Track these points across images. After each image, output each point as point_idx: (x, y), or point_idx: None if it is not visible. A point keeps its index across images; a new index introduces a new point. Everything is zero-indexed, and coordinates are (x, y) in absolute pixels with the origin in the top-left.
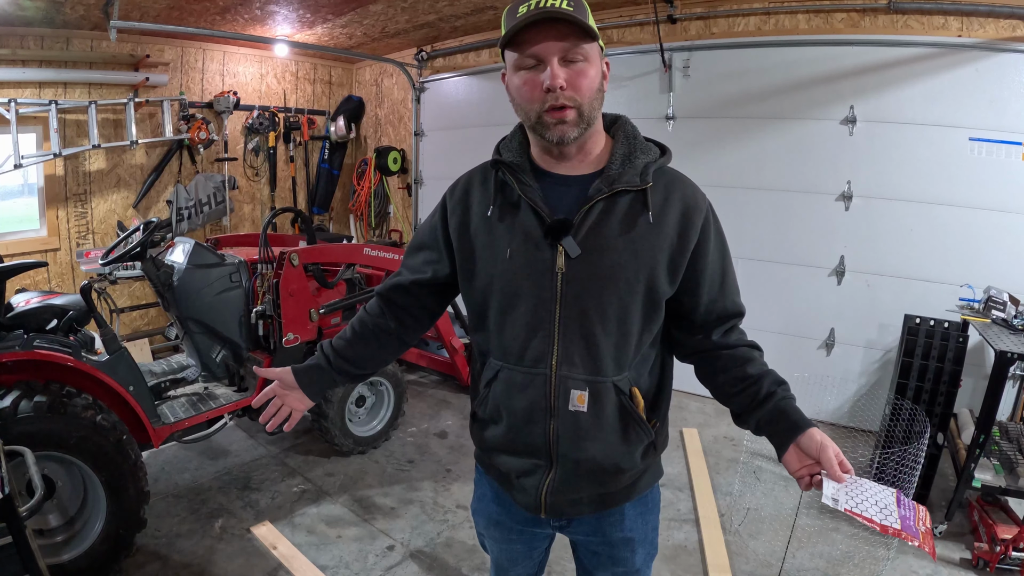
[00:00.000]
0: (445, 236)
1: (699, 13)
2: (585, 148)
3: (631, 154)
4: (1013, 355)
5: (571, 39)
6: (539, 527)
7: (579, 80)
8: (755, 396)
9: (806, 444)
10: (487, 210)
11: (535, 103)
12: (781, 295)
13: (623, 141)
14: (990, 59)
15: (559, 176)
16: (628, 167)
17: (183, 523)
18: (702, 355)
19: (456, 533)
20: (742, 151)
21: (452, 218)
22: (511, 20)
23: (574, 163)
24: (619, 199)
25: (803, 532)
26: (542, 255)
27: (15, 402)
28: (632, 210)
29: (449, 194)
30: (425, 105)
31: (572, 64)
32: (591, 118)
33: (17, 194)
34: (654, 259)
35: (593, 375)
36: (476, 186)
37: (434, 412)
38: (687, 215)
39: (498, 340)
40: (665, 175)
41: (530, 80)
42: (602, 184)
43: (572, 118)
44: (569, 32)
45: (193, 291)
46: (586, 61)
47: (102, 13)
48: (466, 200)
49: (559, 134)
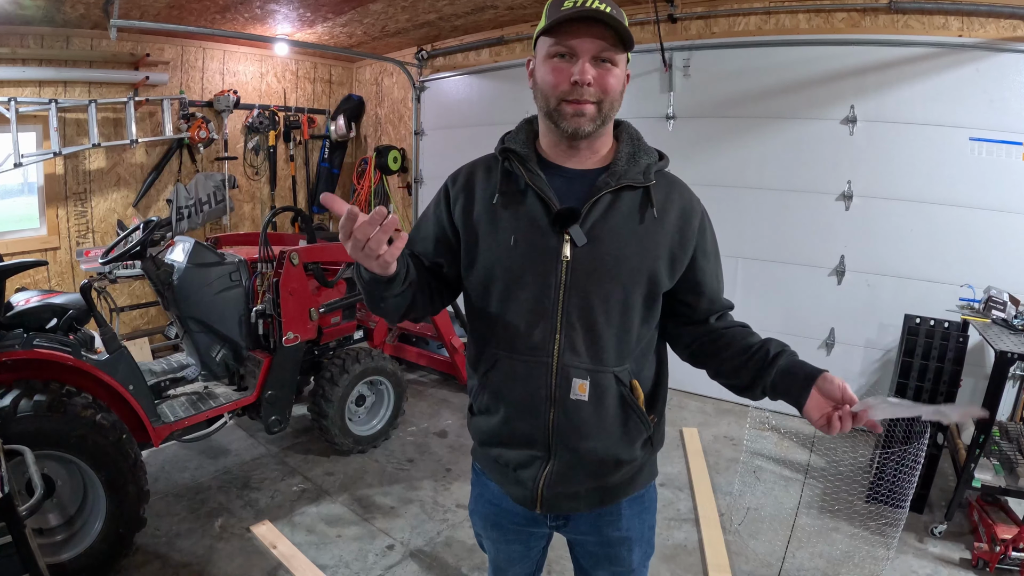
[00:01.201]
0: (450, 222)
1: (699, 13)
2: (594, 146)
3: (635, 154)
4: (1013, 355)
5: (608, 42)
6: (536, 526)
7: (606, 79)
8: (764, 359)
9: (828, 388)
10: (492, 197)
11: (558, 91)
12: (781, 295)
13: (628, 142)
14: (990, 59)
15: (565, 169)
16: (633, 165)
17: (183, 522)
18: (703, 341)
19: (456, 532)
20: (742, 151)
21: (455, 205)
22: (554, 12)
23: (581, 158)
24: (624, 194)
25: (803, 532)
26: (548, 243)
27: (15, 401)
28: (637, 205)
29: (451, 182)
30: (425, 104)
31: (601, 65)
32: (607, 117)
33: (17, 193)
34: (657, 253)
35: (595, 364)
36: (480, 174)
37: (434, 411)
38: (685, 216)
39: (499, 327)
40: (665, 177)
41: (559, 68)
42: (609, 178)
43: (591, 113)
44: (607, 35)
45: (193, 290)
46: (615, 65)
47: (102, 12)
48: (469, 187)
49: (575, 125)
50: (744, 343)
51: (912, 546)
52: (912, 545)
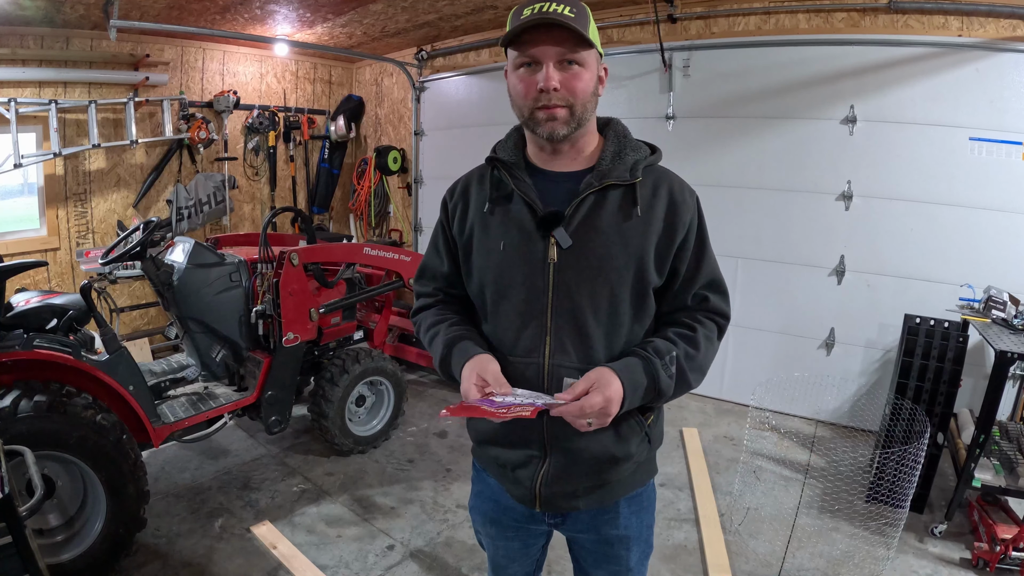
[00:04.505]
0: (449, 236)
1: (699, 13)
2: (577, 146)
3: (621, 152)
4: (1013, 355)
5: (568, 45)
6: (535, 524)
7: (573, 83)
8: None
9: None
10: (483, 206)
11: (528, 100)
12: (781, 295)
13: (613, 140)
14: (990, 59)
15: (552, 173)
16: (618, 163)
17: (183, 522)
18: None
19: (456, 533)
20: (742, 151)
21: (453, 218)
22: (515, 21)
23: (567, 160)
24: (609, 193)
25: (803, 532)
26: (535, 246)
27: (15, 401)
28: (621, 203)
29: (448, 195)
30: (425, 104)
31: (568, 68)
32: (582, 119)
33: (17, 194)
34: (642, 250)
35: (585, 364)
36: (474, 185)
37: (434, 412)
38: (674, 210)
39: (492, 331)
40: (655, 172)
41: (526, 79)
42: (593, 179)
43: (563, 116)
44: (566, 38)
45: (193, 290)
46: (581, 66)
47: (102, 12)
48: (465, 198)
49: (548, 130)
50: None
51: (912, 546)
52: (912, 545)
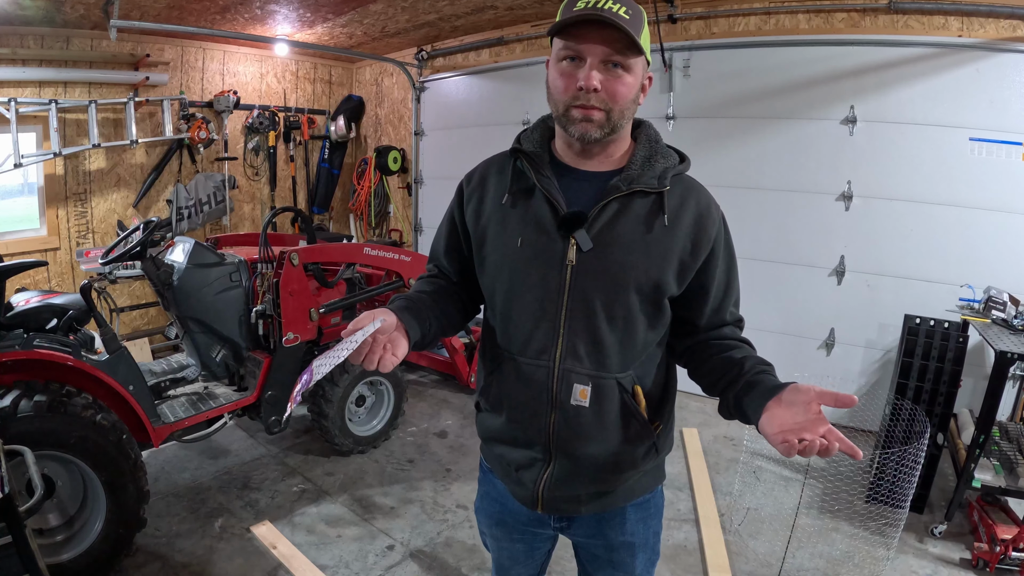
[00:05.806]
0: (462, 223)
1: (699, 13)
2: (608, 150)
3: (651, 157)
4: (1013, 355)
5: (616, 46)
6: (541, 527)
7: (615, 86)
8: (739, 372)
9: (789, 396)
10: (502, 198)
11: (566, 96)
12: (781, 295)
13: (645, 144)
14: (990, 59)
15: (578, 171)
16: (648, 169)
17: (183, 523)
18: (693, 349)
19: (456, 533)
20: (742, 151)
21: (468, 205)
22: (567, 12)
23: (595, 161)
24: (635, 199)
25: (803, 532)
26: (554, 246)
27: (15, 401)
28: (648, 211)
29: (466, 182)
30: (425, 105)
31: (611, 70)
32: (618, 125)
33: (17, 193)
34: (665, 261)
35: (597, 370)
36: (493, 174)
37: (434, 412)
38: (700, 224)
39: (503, 328)
40: (683, 182)
41: (567, 73)
42: (620, 182)
43: (599, 119)
44: (617, 39)
45: (193, 290)
46: (626, 71)
47: (102, 12)
48: (483, 187)
49: (582, 131)
50: (727, 356)
51: (912, 546)
52: (912, 545)
